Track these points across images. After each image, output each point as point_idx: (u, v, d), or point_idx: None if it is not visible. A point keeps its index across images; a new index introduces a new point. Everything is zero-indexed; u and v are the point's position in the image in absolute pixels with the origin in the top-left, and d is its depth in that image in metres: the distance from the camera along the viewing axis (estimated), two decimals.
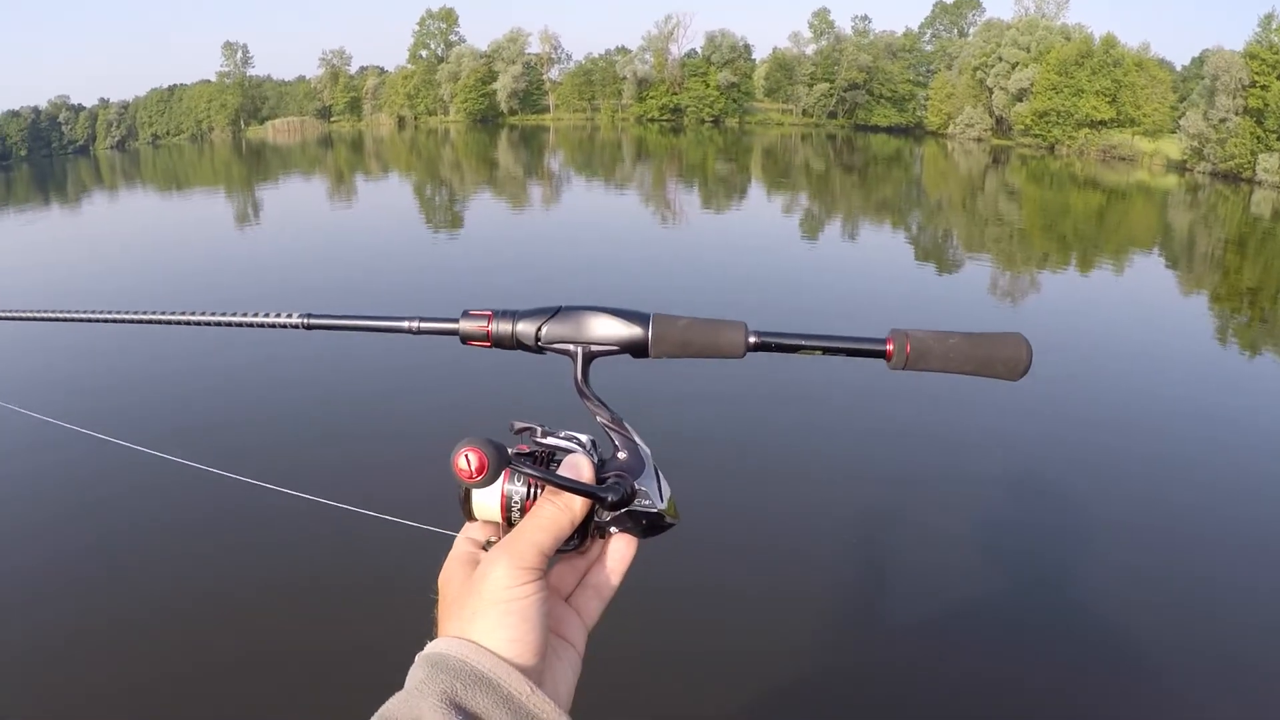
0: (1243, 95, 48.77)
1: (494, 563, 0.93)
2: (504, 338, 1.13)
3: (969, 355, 1.07)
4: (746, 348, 1.08)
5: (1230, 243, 28.58)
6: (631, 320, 1.10)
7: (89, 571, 7.49)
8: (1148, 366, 13.41)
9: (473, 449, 0.93)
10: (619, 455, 1.06)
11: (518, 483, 1.01)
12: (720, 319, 1.10)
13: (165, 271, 21.58)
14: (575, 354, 1.11)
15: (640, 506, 1.02)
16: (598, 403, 1.09)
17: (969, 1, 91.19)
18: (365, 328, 1.24)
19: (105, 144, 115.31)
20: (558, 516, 0.97)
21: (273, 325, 1.28)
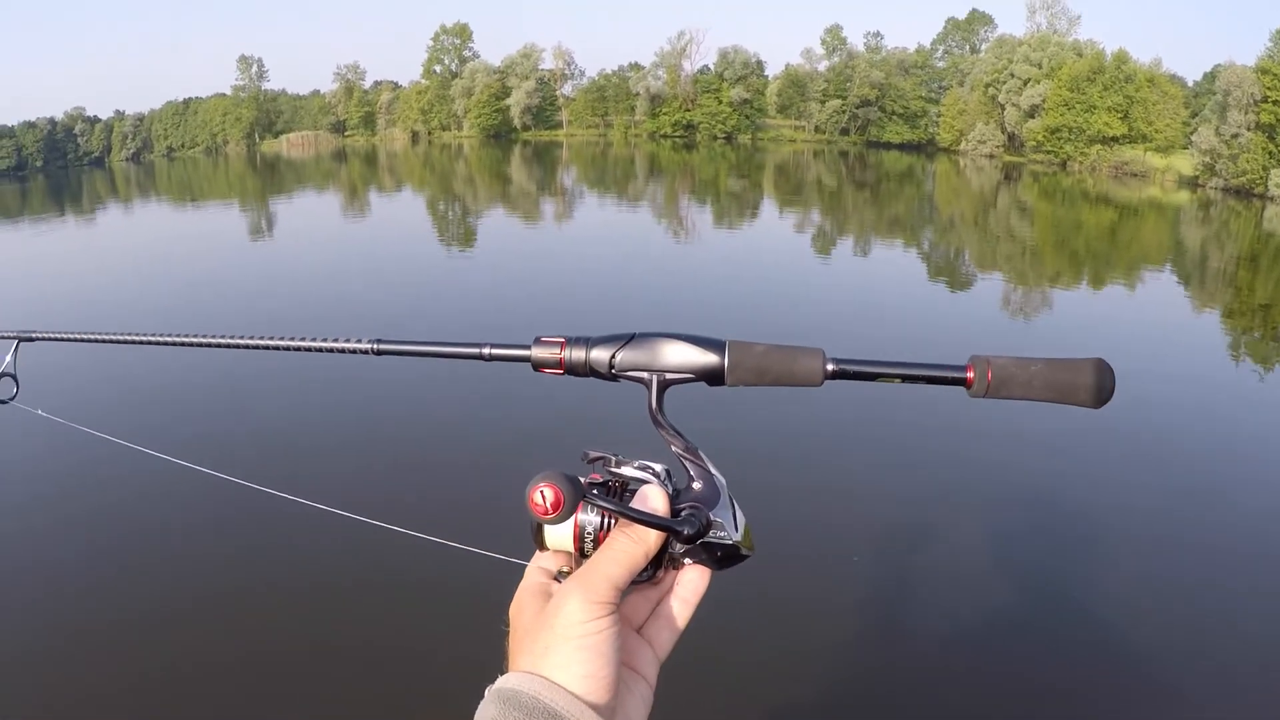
0: (1255, 110, 48.74)
1: (567, 596, 0.91)
2: (577, 365, 1.12)
3: (1051, 382, 1.04)
4: (825, 376, 1.06)
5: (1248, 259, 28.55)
6: (707, 347, 1.07)
7: (156, 592, 7.53)
8: (1222, 396, 13.32)
9: (549, 484, 0.93)
10: (694, 485, 1.03)
11: (592, 513, 0.99)
12: (797, 346, 1.08)
13: (204, 290, 21.41)
14: (650, 382, 1.09)
15: (715, 538, 0.99)
16: (672, 431, 1.06)
17: (981, 18, 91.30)
18: (435, 354, 1.26)
19: (120, 156, 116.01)
20: (632, 550, 0.95)
21: (343, 351, 1.33)
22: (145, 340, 1.71)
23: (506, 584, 1.04)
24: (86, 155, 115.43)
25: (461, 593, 5.88)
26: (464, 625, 5.68)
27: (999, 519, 8.92)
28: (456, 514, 8.08)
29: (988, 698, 6.24)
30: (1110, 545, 8.31)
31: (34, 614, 7.26)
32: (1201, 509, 9.09)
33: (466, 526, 1.60)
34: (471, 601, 4.34)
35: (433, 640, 6.53)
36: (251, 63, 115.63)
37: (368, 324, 15.42)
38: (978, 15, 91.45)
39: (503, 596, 1.01)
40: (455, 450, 10.35)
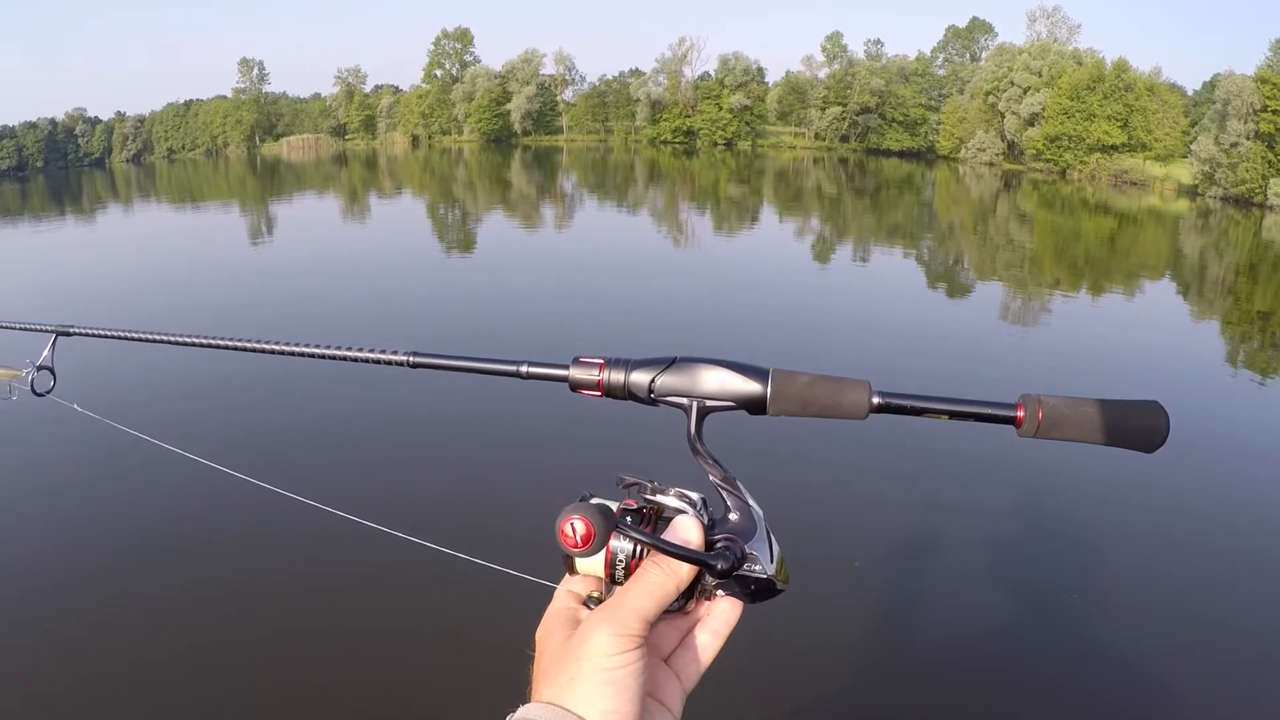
0: (1254, 120, 48.97)
1: (595, 628, 0.90)
2: (616, 388, 1.11)
3: (1103, 424, 1.02)
4: (870, 409, 1.04)
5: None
6: (750, 376, 1.06)
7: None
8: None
9: (580, 517, 0.89)
10: (730, 516, 1.01)
11: (624, 540, 0.98)
12: (843, 377, 1.06)
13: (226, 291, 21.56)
14: (689, 408, 1.07)
15: (749, 571, 0.98)
16: (710, 460, 1.04)
17: (981, 26, 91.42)
18: (471, 369, 1.25)
19: (121, 157, 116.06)
20: (664, 583, 0.94)
21: (378, 362, 1.33)
22: (180, 341, 1.73)
23: (534, 605, 1.03)
24: (87, 156, 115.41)
25: (488, 612, 5.71)
26: (490, 645, 5.48)
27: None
28: (486, 532, 7.86)
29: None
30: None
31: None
32: (1250, 548, 8.61)
33: (496, 545, 1.57)
34: (498, 621, 4.17)
35: (457, 659, 6.48)
36: (253, 65, 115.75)
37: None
38: (978, 23, 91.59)
39: (531, 618, 1.00)
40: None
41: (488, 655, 4.85)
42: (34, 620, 7.10)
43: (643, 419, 1.21)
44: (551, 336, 15.10)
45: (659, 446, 1.33)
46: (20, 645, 6.80)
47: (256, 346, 1.50)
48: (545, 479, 9.41)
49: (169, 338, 1.76)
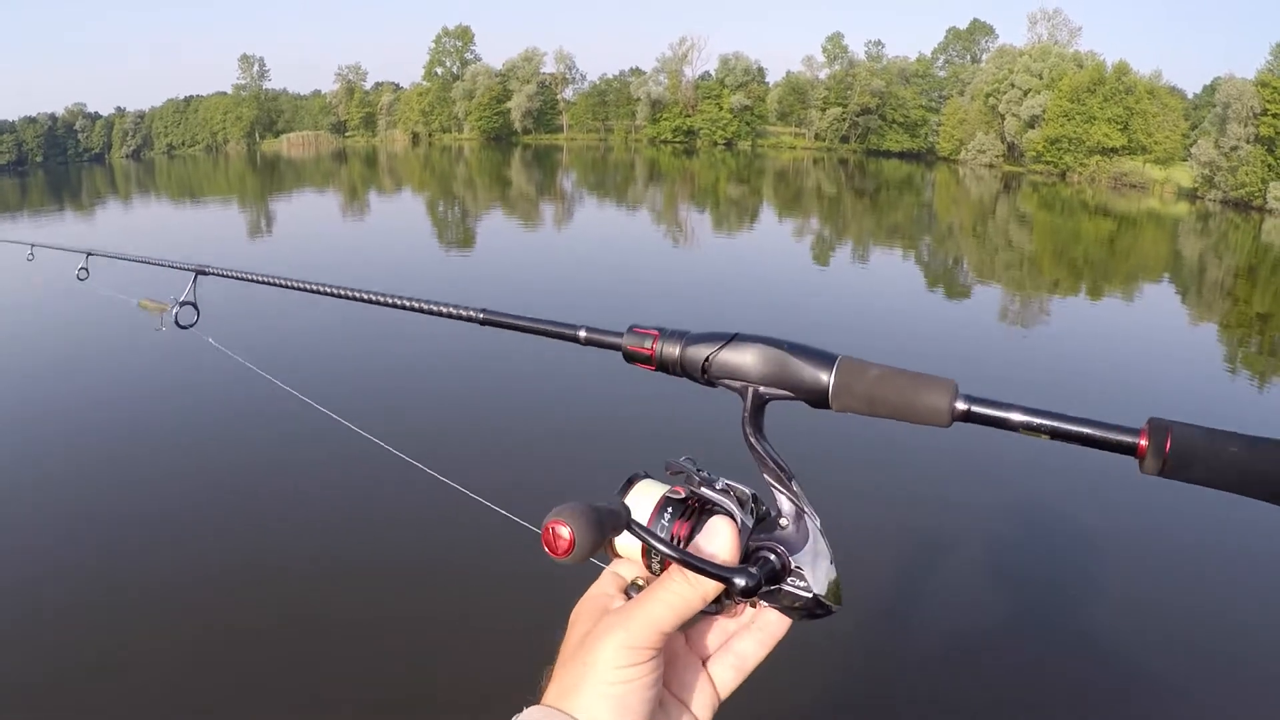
0: (1254, 123, 48.99)
1: (605, 636, 0.84)
2: (669, 362, 1.02)
3: (1251, 471, 0.77)
4: (952, 416, 0.87)
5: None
6: (813, 361, 0.93)
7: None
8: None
9: (563, 521, 0.81)
10: (780, 522, 0.92)
11: (666, 518, 0.92)
12: (922, 373, 0.91)
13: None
14: (745, 393, 0.97)
15: (793, 587, 0.89)
16: (766, 454, 0.94)
17: (982, 28, 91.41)
18: (536, 330, 1.25)
19: (121, 153, 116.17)
20: (687, 595, 0.86)
21: (452, 316, 1.39)
22: (302, 287, 1.88)
23: (575, 580, 0.97)
24: (87, 151, 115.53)
25: (531, 580, 5.34)
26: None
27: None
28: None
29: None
30: None
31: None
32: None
33: (538, 508, 1.57)
34: (539, 589, 3.89)
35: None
36: (253, 62, 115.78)
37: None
38: (979, 25, 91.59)
39: (570, 592, 0.95)
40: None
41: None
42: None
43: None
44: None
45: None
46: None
47: (363, 296, 1.63)
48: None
49: (292, 283, 1.91)
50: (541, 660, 0.91)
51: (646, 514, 0.93)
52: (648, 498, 0.94)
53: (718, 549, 0.88)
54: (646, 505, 0.94)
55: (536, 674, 0.89)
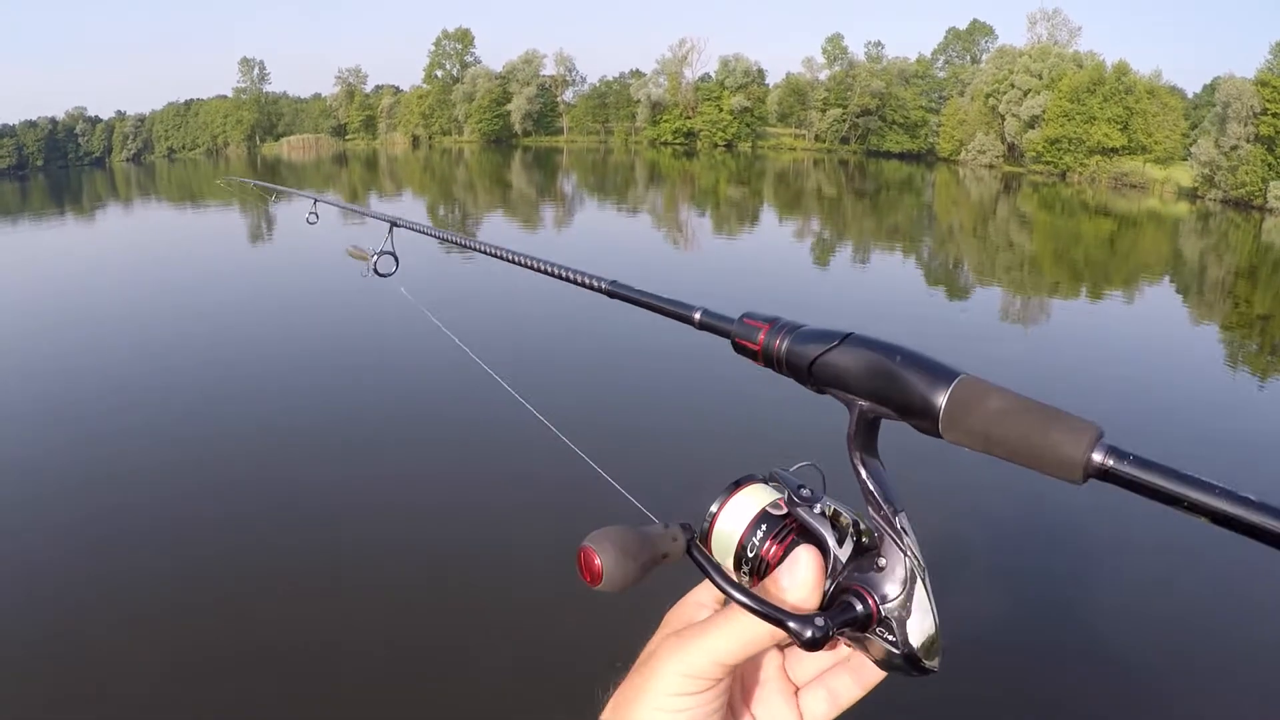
0: (1254, 123, 48.95)
1: (666, 660, 0.79)
2: (774, 357, 0.91)
3: None
4: (1087, 470, 0.67)
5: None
6: (926, 377, 0.77)
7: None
8: None
9: (592, 550, 0.78)
10: (878, 561, 0.80)
11: (759, 535, 0.84)
12: (1057, 410, 0.71)
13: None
14: (851, 405, 0.84)
15: (881, 638, 0.79)
16: (869, 481, 0.83)
17: (982, 28, 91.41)
18: (655, 307, 1.22)
19: (121, 156, 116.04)
20: (757, 631, 0.78)
21: (580, 284, 1.42)
22: (484, 249, 1.94)
23: (687, 577, 0.88)
24: (87, 155, 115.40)
25: None
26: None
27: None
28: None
29: None
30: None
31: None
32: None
33: (645, 488, 1.56)
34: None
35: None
36: (253, 65, 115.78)
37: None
38: (979, 26, 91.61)
39: (668, 582, 0.91)
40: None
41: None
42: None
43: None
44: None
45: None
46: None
47: (511, 257, 1.76)
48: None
49: (464, 241, 2.06)
50: (628, 656, 0.87)
51: (743, 524, 0.85)
52: (748, 507, 0.87)
53: (795, 586, 0.80)
54: (744, 516, 0.86)
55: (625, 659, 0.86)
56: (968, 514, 8.03)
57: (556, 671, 5.63)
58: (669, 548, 0.83)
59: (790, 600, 0.79)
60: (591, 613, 5.84)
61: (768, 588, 0.81)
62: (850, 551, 0.83)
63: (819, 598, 0.80)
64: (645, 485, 1.42)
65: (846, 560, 0.82)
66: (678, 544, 0.84)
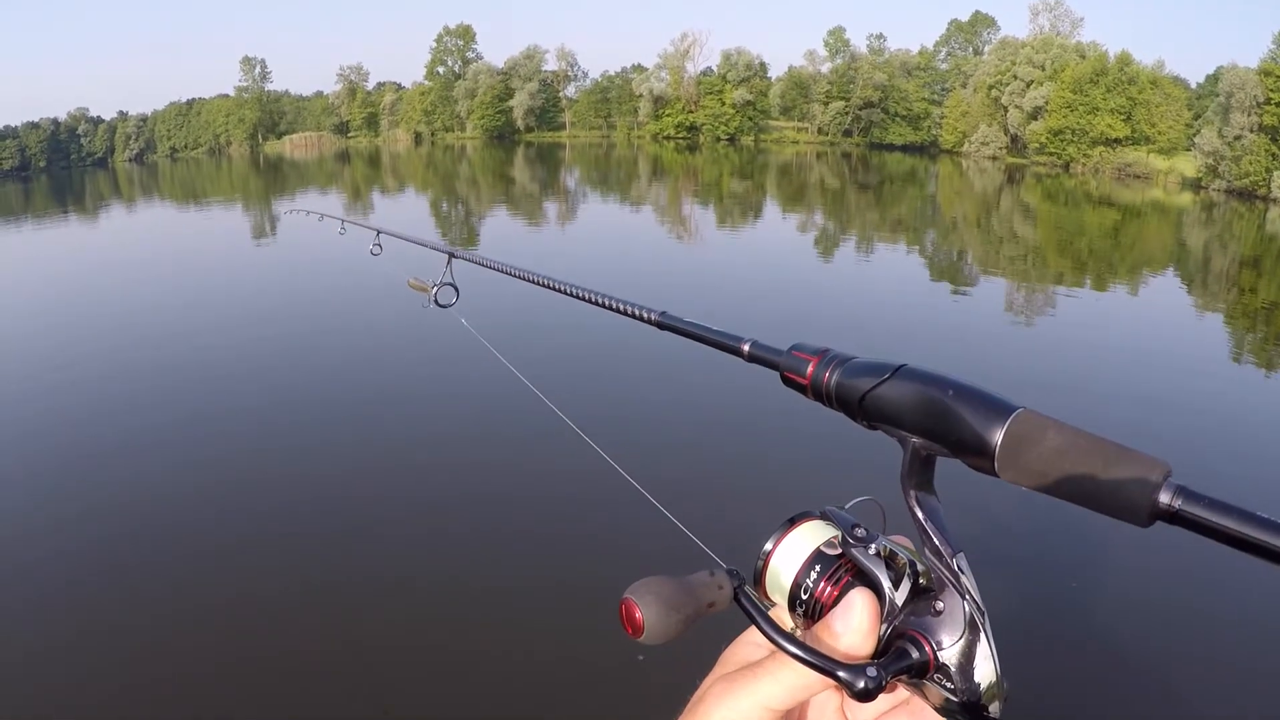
0: (1258, 112, 48.82)
1: (715, 707, 0.77)
2: (824, 391, 0.89)
3: None
4: (1152, 512, 0.64)
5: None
6: (982, 412, 0.74)
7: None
8: None
9: (634, 602, 0.76)
10: (935, 605, 0.76)
11: (813, 577, 0.81)
12: (1123, 446, 0.67)
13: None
14: (905, 443, 0.81)
15: (939, 685, 0.75)
16: (927, 518, 0.79)
17: (984, 20, 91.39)
18: (704, 339, 1.23)
19: (124, 156, 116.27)
20: (808, 679, 0.75)
21: (631, 315, 1.45)
22: (539, 281, 2.04)
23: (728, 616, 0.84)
24: (90, 156, 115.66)
25: None
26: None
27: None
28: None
29: None
30: None
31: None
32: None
33: (698, 521, 1.52)
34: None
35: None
36: (255, 63, 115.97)
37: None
38: (981, 17, 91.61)
39: (725, 622, 0.86)
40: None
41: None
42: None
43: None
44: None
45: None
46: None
47: (566, 290, 1.82)
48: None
49: (534, 278, 2.08)
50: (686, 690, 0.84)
51: (797, 564, 0.82)
52: (803, 546, 0.83)
53: (848, 632, 0.76)
54: (798, 555, 0.83)
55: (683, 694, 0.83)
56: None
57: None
58: (715, 596, 0.80)
59: (843, 647, 0.76)
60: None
61: (819, 634, 0.78)
62: (907, 594, 0.78)
63: (873, 644, 0.77)
64: (699, 520, 1.42)
65: (903, 604, 0.78)
66: (724, 591, 0.81)
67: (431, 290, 3.06)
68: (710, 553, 1.05)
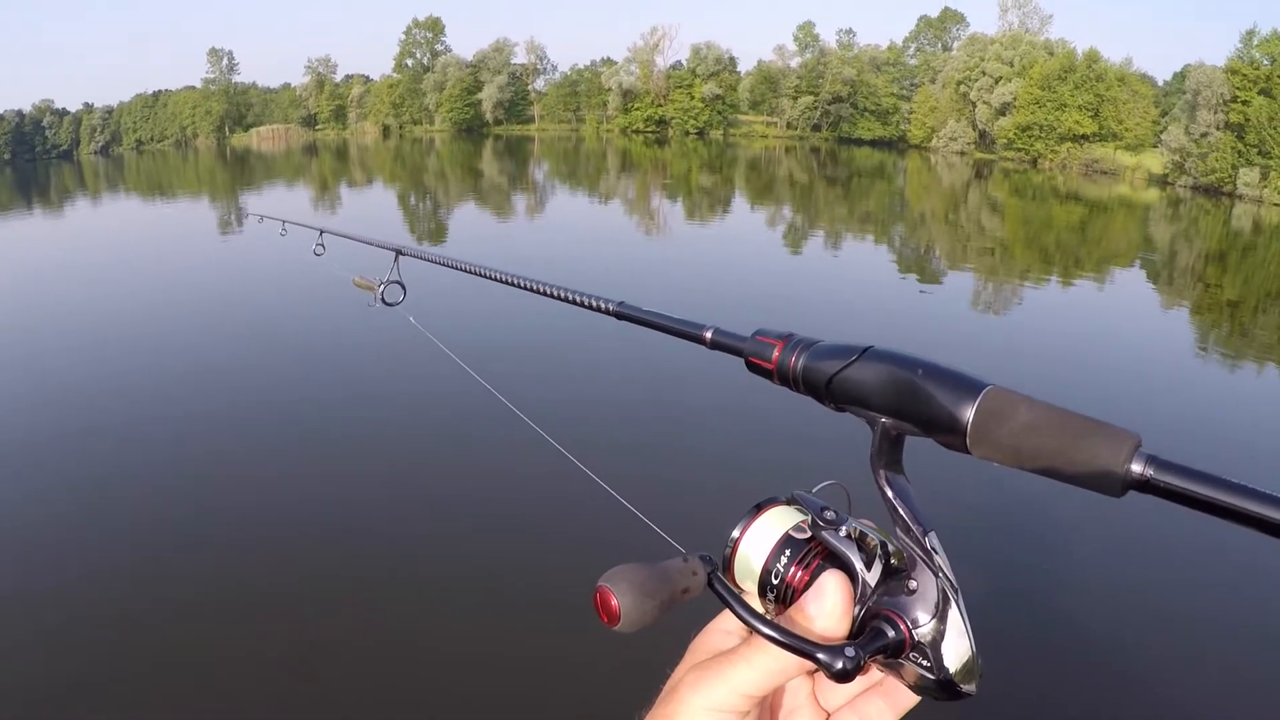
0: (1224, 110, 49.33)
1: (690, 694, 0.75)
2: (790, 375, 0.88)
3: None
4: (1125, 482, 0.64)
5: None
6: (952, 391, 0.73)
7: None
8: None
9: (609, 590, 0.75)
10: (909, 584, 0.76)
11: (783, 561, 0.80)
12: (1093, 419, 0.67)
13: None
14: (874, 423, 0.80)
15: (915, 664, 0.75)
16: (898, 497, 0.78)
17: (953, 16, 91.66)
18: (664, 327, 1.21)
19: (89, 149, 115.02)
20: (784, 663, 0.74)
21: (588, 306, 1.42)
22: (477, 271, 2.06)
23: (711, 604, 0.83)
24: (55, 148, 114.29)
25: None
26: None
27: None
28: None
29: None
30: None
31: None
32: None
33: (660, 511, 1.45)
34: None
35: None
36: (222, 55, 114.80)
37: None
38: (950, 13, 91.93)
39: (704, 616, 0.86)
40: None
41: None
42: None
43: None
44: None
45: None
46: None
47: (520, 283, 1.77)
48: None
49: (470, 268, 2.08)
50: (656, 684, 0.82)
51: (766, 550, 0.82)
52: (771, 531, 0.83)
53: (823, 614, 0.76)
54: (767, 540, 0.82)
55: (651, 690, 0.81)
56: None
57: (579, 702, 5.51)
58: (689, 582, 0.80)
59: (818, 629, 0.75)
60: (614, 641, 5.55)
61: (794, 617, 0.77)
62: (879, 575, 0.79)
63: (848, 625, 0.76)
64: (663, 510, 1.40)
65: (875, 584, 0.78)
66: (698, 577, 0.80)
67: (378, 289, 3.03)
68: (672, 541, 1.05)
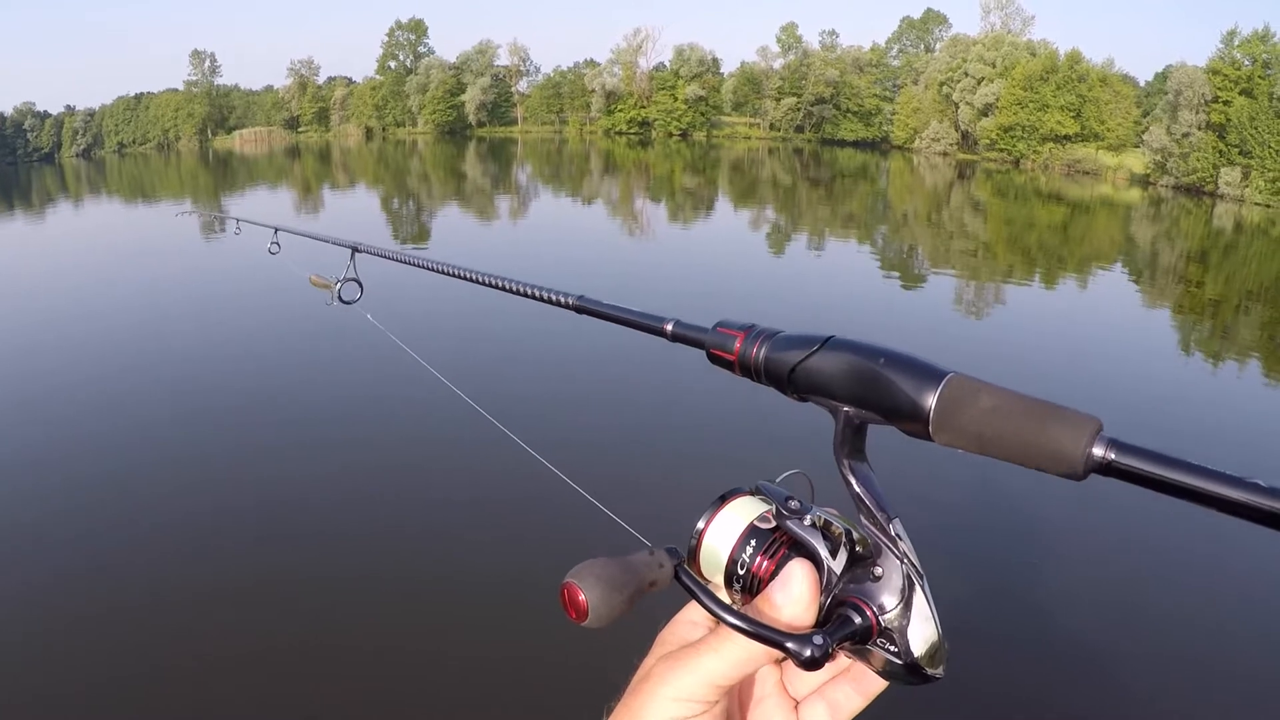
0: (1205, 110, 49.61)
1: (659, 685, 0.76)
2: (751, 366, 0.88)
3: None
4: (1087, 465, 0.64)
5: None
6: (914, 379, 0.73)
7: None
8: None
9: (576, 585, 0.75)
10: (874, 571, 0.77)
11: (749, 552, 0.80)
12: (1054, 405, 0.67)
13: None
14: (836, 412, 0.81)
15: (883, 649, 0.75)
16: (861, 485, 0.79)
17: (936, 17, 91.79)
18: (625, 321, 1.21)
19: (71, 152, 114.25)
20: (752, 652, 0.75)
21: (548, 301, 1.42)
22: (436, 268, 2.03)
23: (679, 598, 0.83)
24: (36, 151, 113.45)
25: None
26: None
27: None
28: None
29: None
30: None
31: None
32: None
33: (624, 503, 1.43)
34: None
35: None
36: (204, 57, 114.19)
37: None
38: (932, 15, 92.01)
39: (661, 600, 0.85)
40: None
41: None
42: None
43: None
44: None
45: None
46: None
47: (479, 279, 1.78)
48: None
49: (443, 267, 2.02)
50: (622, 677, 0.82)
51: (731, 540, 0.81)
52: (736, 521, 0.83)
53: (789, 603, 0.76)
54: (732, 531, 0.82)
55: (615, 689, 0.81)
56: (963, 515, 7.94)
57: (547, 698, 5.48)
58: (656, 575, 0.80)
59: (785, 618, 0.75)
60: (580, 637, 5.48)
61: (760, 606, 0.77)
62: (845, 562, 0.79)
63: (815, 613, 0.77)
64: (628, 505, 1.42)
65: (841, 572, 0.78)
66: (665, 570, 0.80)
67: (335, 286, 3.00)
68: (637, 535, 1.06)
